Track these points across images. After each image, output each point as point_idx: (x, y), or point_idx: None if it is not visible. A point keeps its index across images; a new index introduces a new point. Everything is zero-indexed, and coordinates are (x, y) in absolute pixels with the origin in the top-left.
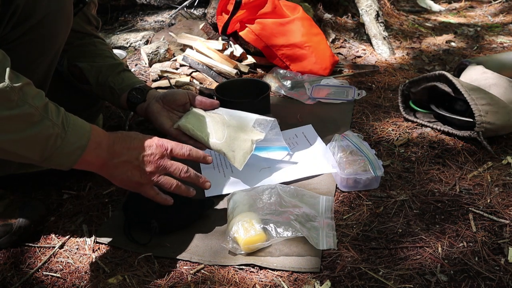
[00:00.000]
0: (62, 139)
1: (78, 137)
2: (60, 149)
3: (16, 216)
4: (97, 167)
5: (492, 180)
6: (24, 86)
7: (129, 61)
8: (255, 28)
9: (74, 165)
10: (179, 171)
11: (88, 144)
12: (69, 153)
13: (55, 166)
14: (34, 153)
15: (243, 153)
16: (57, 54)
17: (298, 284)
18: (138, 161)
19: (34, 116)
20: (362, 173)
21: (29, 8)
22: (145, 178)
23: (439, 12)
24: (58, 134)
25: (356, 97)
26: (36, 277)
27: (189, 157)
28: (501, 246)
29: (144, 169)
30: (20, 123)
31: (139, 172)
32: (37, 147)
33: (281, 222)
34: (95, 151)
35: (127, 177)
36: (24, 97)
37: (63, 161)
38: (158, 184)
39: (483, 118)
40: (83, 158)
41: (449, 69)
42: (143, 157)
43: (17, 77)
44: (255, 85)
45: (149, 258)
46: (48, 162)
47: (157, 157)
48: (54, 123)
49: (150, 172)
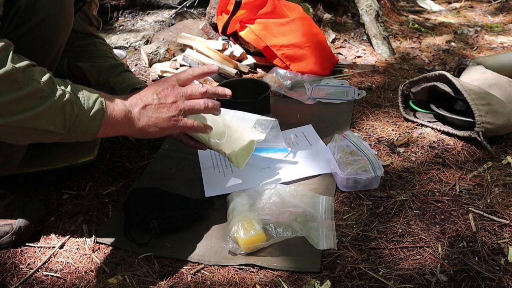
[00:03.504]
0: (78, 106)
1: (92, 102)
2: (79, 117)
3: (16, 216)
4: (124, 126)
5: (492, 180)
6: (28, 65)
7: (129, 61)
8: (255, 28)
9: (100, 131)
10: (196, 89)
11: (106, 106)
12: (90, 119)
13: (81, 137)
14: (56, 125)
15: (244, 153)
16: (58, 54)
17: (298, 284)
18: (156, 99)
19: (43, 90)
20: (362, 173)
21: (30, 9)
22: (173, 109)
23: (439, 12)
24: (72, 101)
25: (356, 97)
26: (36, 277)
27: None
28: (501, 246)
29: (167, 103)
30: (32, 100)
31: (164, 107)
32: (56, 118)
33: (281, 222)
34: (114, 110)
35: (158, 118)
36: (30, 75)
37: (87, 129)
38: (188, 110)
39: (483, 118)
40: (106, 120)
41: (449, 69)
42: (158, 94)
43: (20, 58)
44: (255, 85)
45: (149, 258)
46: (73, 133)
47: (170, 88)
48: (64, 91)
49: (173, 102)
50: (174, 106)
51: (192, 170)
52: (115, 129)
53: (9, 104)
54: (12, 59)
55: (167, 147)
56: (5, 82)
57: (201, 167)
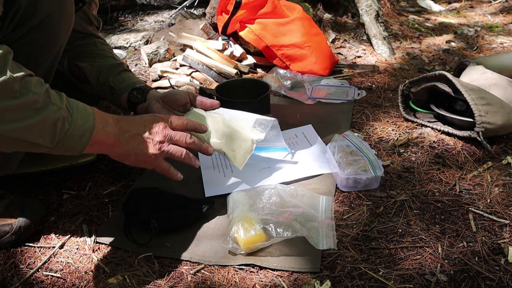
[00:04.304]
0: (69, 122)
1: (85, 119)
2: (69, 132)
3: (16, 216)
4: (108, 146)
5: (492, 180)
6: (25, 76)
7: (129, 61)
8: (255, 28)
9: (86, 147)
10: (184, 138)
11: (96, 124)
12: (79, 136)
13: (68, 151)
14: (45, 139)
15: (244, 153)
16: (58, 54)
17: (298, 284)
18: (146, 132)
19: (38, 102)
20: (362, 173)
21: (31, 9)
22: (156, 148)
23: (439, 12)
24: (64, 117)
25: (356, 97)
26: (36, 277)
27: (187, 126)
28: (501, 246)
29: (153, 139)
30: (26, 111)
31: (150, 143)
32: (46, 132)
33: (281, 222)
34: (103, 129)
35: (140, 151)
36: (27, 86)
37: (74, 145)
38: (169, 154)
39: (483, 118)
40: (94, 138)
41: (449, 69)
42: (150, 129)
43: (18, 67)
44: (255, 85)
45: (149, 258)
46: (60, 147)
47: (162, 127)
48: (59, 107)
49: (159, 142)
50: (158, 146)
51: (192, 170)
52: (99, 147)
53: (1, 112)
54: (11, 68)
55: None
56: (2, 91)
57: (201, 167)
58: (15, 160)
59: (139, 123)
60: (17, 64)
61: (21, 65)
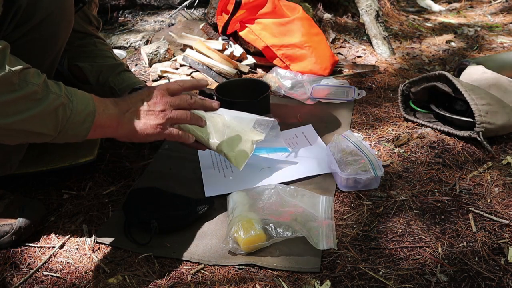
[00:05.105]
0: (70, 109)
1: (85, 104)
2: (71, 119)
3: (16, 216)
4: (113, 128)
5: (492, 180)
6: (24, 69)
7: (129, 61)
8: (255, 28)
9: (90, 132)
10: (185, 101)
11: (96, 108)
12: (81, 121)
13: (72, 138)
14: (48, 128)
15: (244, 153)
16: (58, 54)
17: (298, 284)
18: (146, 105)
19: (38, 93)
20: (362, 173)
21: (31, 9)
22: (160, 117)
23: (439, 12)
24: (65, 104)
25: (356, 97)
26: (36, 277)
27: (184, 87)
28: (501, 246)
29: (155, 110)
30: (26, 102)
31: (153, 114)
32: (48, 121)
33: (281, 222)
34: (104, 112)
35: (145, 124)
36: (25, 78)
37: (77, 130)
38: (174, 120)
39: (483, 118)
40: (96, 122)
41: (449, 69)
42: (148, 101)
43: (16, 60)
44: (255, 85)
45: (149, 258)
46: (63, 134)
47: (160, 96)
48: (58, 95)
49: (162, 110)
50: (162, 114)
51: (192, 170)
52: (103, 131)
53: (3, 106)
54: (9, 61)
55: (167, 147)
56: (1, 85)
57: (201, 167)
58: (15, 160)
59: (137, 99)
60: (15, 58)
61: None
